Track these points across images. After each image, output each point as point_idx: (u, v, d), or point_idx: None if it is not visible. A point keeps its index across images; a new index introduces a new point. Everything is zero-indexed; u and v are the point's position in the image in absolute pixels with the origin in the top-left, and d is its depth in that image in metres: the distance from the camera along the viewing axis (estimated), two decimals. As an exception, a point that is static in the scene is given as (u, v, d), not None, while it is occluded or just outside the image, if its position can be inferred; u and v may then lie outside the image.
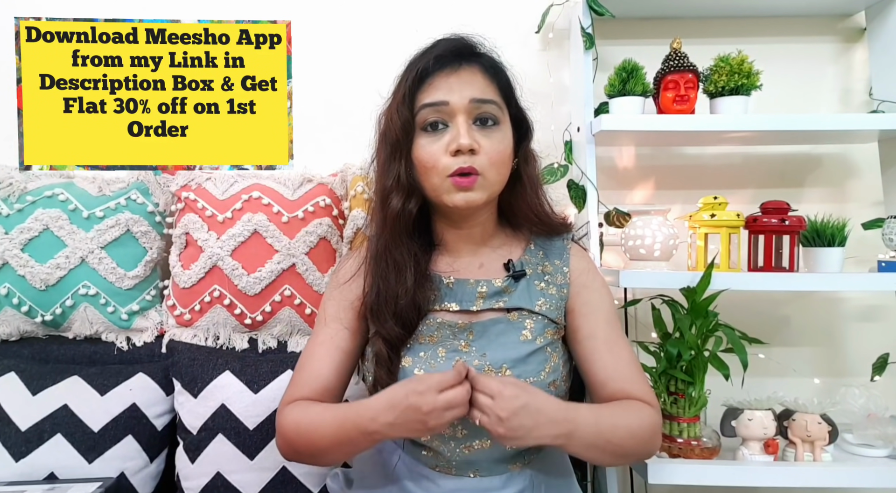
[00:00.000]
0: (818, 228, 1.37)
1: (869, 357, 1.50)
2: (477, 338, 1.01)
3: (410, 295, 1.00)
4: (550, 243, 1.10)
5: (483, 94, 0.99)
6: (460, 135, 0.96)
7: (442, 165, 0.97)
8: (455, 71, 0.99)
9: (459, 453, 0.99)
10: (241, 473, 1.24)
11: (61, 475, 1.22)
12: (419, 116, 0.99)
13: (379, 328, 1.01)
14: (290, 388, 1.05)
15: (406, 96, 0.99)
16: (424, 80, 1.00)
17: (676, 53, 1.42)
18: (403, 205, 1.00)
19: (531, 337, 1.01)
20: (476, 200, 0.98)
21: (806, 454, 1.27)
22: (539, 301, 1.04)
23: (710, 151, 1.66)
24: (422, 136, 0.99)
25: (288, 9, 1.61)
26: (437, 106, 0.98)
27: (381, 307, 1.01)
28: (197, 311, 1.42)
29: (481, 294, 1.04)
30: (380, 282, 1.02)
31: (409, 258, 1.01)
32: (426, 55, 1.01)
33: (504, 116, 1.02)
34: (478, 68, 1.01)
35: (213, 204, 1.43)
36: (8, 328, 1.41)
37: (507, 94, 1.03)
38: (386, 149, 1.02)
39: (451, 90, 0.98)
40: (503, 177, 1.02)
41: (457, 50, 1.01)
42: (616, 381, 1.02)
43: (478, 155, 0.97)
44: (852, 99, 1.65)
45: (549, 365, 1.01)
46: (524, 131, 1.07)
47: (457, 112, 0.97)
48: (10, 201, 1.41)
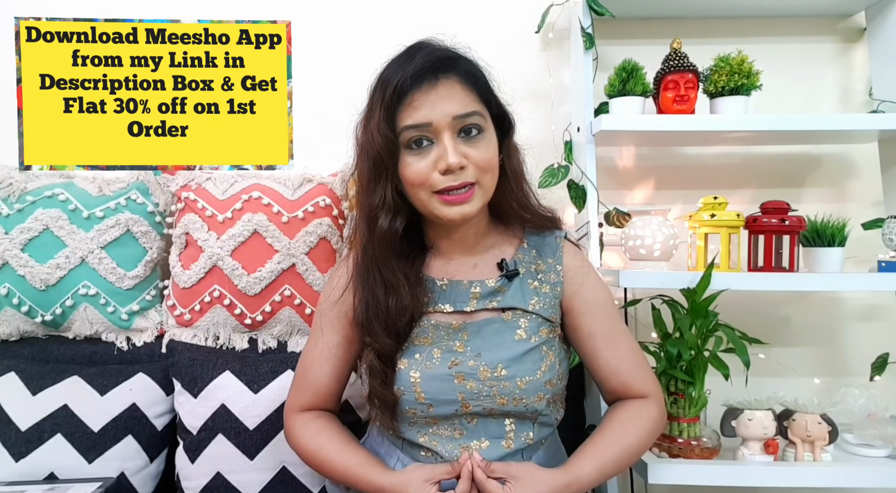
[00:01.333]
0: (818, 228, 1.37)
1: (869, 357, 1.50)
2: (471, 338, 1.01)
3: (408, 312, 1.00)
4: (543, 241, 1.10)
5: (465, 108, 0.97)
6: (448, 153, 0.95)
7: (430, 182, 0.97)
8: (434, 86, 0.96)
9: (458, 453, 1.00)
10: (241, 473, 1.24)
11: (61, 475, 1.22)
12: (402, 137, 0.97)
13: (371, 342, 1.02)
14: (293, 394, 1.10)
15: (385, 115, 0.96)
16: (403, 99, 0.96)
17: (676, 53, 1.42)
18: (391, 224, 1.00)
19: (526, 336, 1.02)
20: (471, 211, 0.99)
21: (806, 454, 1.27)
22: (532, 300, 1.04)
23: (710, 151, 1.66)
24: (407, 154, 0.98)
25: (288, 9, 1.61)
26: (421, 127, 0.96)
27: (371, 321, 1.01)
28: (197, 311, 1.42)
29: (475, 295, 1.04)
30: (369, 297, 1.02)
31: (399, 276, 1.01)
32: (401, 70, 0.96)
33: (487, 122, 1.01)
34: (455, 79, 0.98)
35: (213, 204, 1.43)
36: (8, 328, 1.41)
37: (487, 97, 1.02)
38: (368, 165, 1.00)
39: (432, 109, 0.95)
40: (496, 180, 1.02)
41: (432, 63, 0.97)
42: (618, 376, 1.05)
43: (467, 169, 0.96)
44: (852, 99, 1.65)
45: (544, 364, 1.01)
46: (506, 127, 1.06)
47: (441, 129, 0.96)
48: (10, 201, 1.41)
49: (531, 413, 1.01)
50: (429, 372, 0.99)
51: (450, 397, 0.98)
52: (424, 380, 0.99)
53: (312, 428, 1.07)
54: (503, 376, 0.98)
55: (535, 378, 0.99)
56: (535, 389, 0.99)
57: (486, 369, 0.98)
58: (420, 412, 1.00)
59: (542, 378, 1.00)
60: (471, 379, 0.98)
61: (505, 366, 0.99)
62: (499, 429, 1.00)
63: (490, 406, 0.99)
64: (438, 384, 0.99)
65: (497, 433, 1.00)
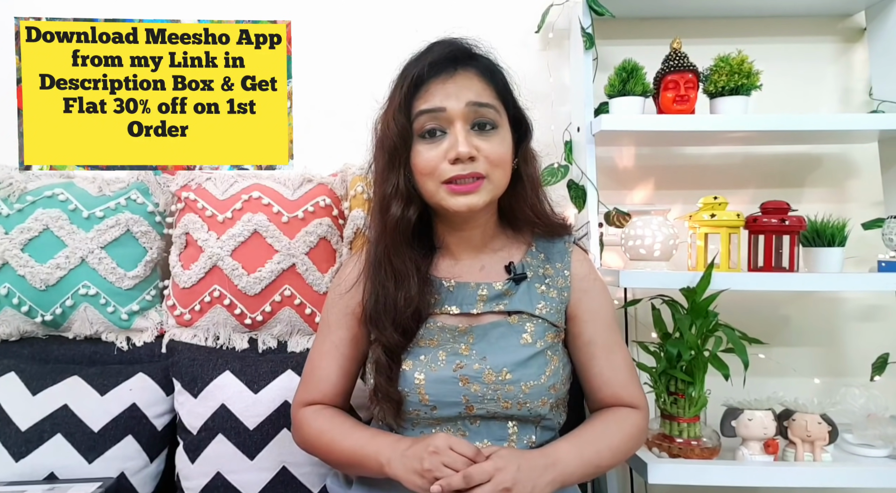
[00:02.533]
0: (818, 228, 1.37)
1: (869, 357, 1.50)
2: (477, 341, 1.01)
3: (414, 303, 1.00)
4: (552, 246, 1.10)
5: (480, 97, 0.98)
6: (458, 142, 0.95)
7: (439, 171, 0.97)
8: (451, 76, 0.98)
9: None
10: (241, 473, 1.24)
11: (61, 475, 1.22)
12: (416, 123, 0.98)
13: (378, 336, 1.02)
14: (300, 392, 1.09)
15: (402, 103, 0.98)
16: (420, 87, 0.99)
17: (676, 53, 1.42)
18: (403, 212, 1.00)
19: (531, 341, 1.01)
20: (478, 203, 0.98)
21: (806, 454, 1.27)
22: (539, 304, 1.04)
23: (710, 151, 1.66)
24: (420, 143, 0.99)
25: (288, 9, 1.61)
26: (434, 113, 0.97)
27: (380, 315, 1.01)
28: (197, 311, 1.42)
29: (482, 297, 1.04)
30: (379, 289, 1.02)
31: (410, 266, 1.01)
32: (421, 60, 0.99)
33: (502, 119, 1.01)
34: (474, 72, 1.00)
35: (213, 204, 1.43)
36: (8, 328, 1.41)
37: (504, 96, 1.02)
38: (384, 156, 1.01)
39: (447, 96, 0.97)
40: (506, 178, 1.02)
41: (452, 54, 0.99)
42: (610, 386, 1.06)
43: (477, 160, 0.97)
44: (852, 99, 1.65)
45: (549, 368, 1.01)
46: (523, 132, 1.07)
47: (454, 118, 0.97)
48: (10, 201, 1.41)
49: (534, 417, 1.01)
50: (433, 374, 0.99)
51: (454, 399, 0.98)
52: (429, 382, 0.99)
53: (320, 417, 1.05)
54: (508, 379, 0.98)
55: (540, 383, 0.99)
56: (539, 393, 0.99)
57: (491, 373, 0.98)
58: (423, 413, 1.00)
59: (547, 383, 1.00)
60: (475, 382, 0.98)
61: (510, 370, 0.98)
62: (501, 431, 1.00)
63: (494, 410, 0.99)
64: (443, 387, 0.98)
65: (499, 436, 1.00)
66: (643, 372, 1.30)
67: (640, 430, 1.05)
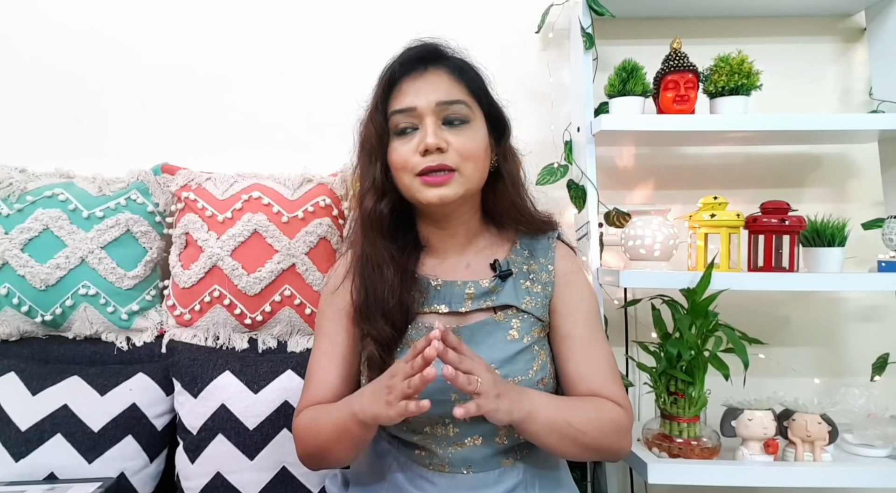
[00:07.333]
0: (818, 228, 1.37)
1: (869, 357, 1.50)
2: (465, 341, 1.01)
3: (397, 295, 1.01)
4: (536, 242, 1.11)
5: (449, 96, 1.01)
6: (428, 134, 0.98)
7: (411, 164, 0.99)
8: (421, 75, 1.02)
9: (452, 451, 1.00)
10: (241, 473, 1.24)
11: (61, 475, 1.22)
12: (391, 122, 1.02)
13: (369, 330, 1.03)
14: (301, 400, 1.09)
15: (378, 104, 1.03)
16: (394, 86, 1.03)
17: (676, 53, 1.42)
18: (375, 205, 1.03)
19: (518, 336, 1.03)
20: (450, 195, 0.99)
21: (806, 454, 1.27)
22: (525, 299, 1.05)
23: (710, 151, 1.66)
24: (395, 140, 1.02)
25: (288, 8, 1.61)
26: (406, 112, 1.01)
27: (369, 308, 1.03)
28: (197, 311, 1.42)
29: (469, 295, 1.05)
30: (367, 284, 1.04)
31: (385, 256, 1.03)
32: (394, 61, 1.04)
33: (475, 114, 1.03)
34: (444, 71, 1.03)
35: (213, 204, 1.43)
36: (8, 328, 1.41)
37: (478, 94, 1.05)
38: (364, 156, 1.06)
39: (418, 94, 1.00)
40: (481, 172, 1.03)
41: (420, 54, 1.03)
42: (587, 381, 1.03)
43: (447, 153, 0.99)
44: (852, 99, 1.65)
45: (536, 363, 1.02)
46: (502, 129, 1.08)
47: (424, 114, 1.00)
48: (10, 201, 1.41)
49: None
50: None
51: (444, 397, 0.98)
52: None
53: (308, 414, 1.04)
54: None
55: (528, 377, 1.00)
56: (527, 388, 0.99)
57: None
58: None
59: (535, 377, 1.01)
60: None
61: (498, 366, 0.99)
62: (492, 426, 1.00)
63: None
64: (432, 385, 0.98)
65: (490, 431, 1.00)
66: (643, 372, 1.30)
67: (620, 423, 1.00)
